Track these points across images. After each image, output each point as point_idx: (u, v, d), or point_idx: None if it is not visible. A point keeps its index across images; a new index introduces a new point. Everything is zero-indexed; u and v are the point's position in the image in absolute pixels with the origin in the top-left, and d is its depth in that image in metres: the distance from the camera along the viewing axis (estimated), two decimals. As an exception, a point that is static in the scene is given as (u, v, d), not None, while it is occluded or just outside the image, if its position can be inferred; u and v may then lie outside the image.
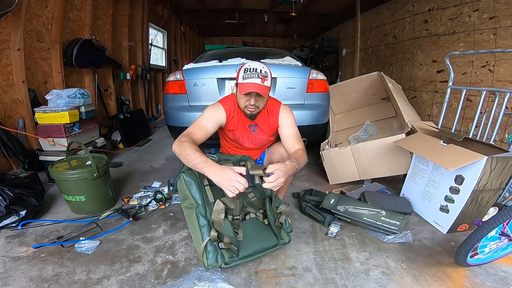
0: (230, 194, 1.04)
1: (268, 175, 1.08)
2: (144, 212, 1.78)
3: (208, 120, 1.39)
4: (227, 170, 1.06)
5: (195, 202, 1.22)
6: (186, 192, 1.24)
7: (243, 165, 1.23)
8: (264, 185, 1.08)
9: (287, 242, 1.36)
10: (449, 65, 2.12)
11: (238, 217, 1.24)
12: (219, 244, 1.19)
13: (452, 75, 2.13)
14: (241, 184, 1.03)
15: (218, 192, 1.22)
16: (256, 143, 1.57)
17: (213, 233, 1.17)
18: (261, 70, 1.32)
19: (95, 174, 1.68)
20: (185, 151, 1.16)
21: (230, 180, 1.03)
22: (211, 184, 1.21)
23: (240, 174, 1.06)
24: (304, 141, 2.21)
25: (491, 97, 2.45)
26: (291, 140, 1.47)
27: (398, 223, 1.53)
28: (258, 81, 1.30)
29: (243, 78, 1.32)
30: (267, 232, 1.31)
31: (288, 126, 1.50)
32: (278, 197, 1.39)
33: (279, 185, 1.09)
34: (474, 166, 1.43)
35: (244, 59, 2.33)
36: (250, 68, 1.32)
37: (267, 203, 1.30)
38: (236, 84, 1.40)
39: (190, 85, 2.22)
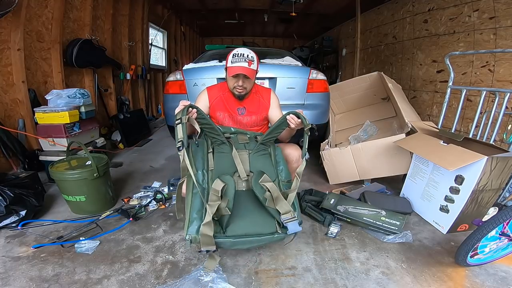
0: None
1: None
2: (144, 212, 1.78)
3: (197, 103, 1.57)
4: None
5: (195, 169, 1.20)
6: (187, 164, 1.12)
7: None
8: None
9: (287, 233, 1.16)
10: (449, 65, 2.11)
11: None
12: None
13: (452, 75, 2.13)
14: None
15: (219, 161, 1.26)
16: (244, 125, 1.59)
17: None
18: (247, 55, 1.45)
19: (95, 174, 1.68)
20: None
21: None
22: (214, 151, 1.29)
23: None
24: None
25: (491, 97, 2.45)
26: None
27: (398, 223, 1.53)
28: (245, 64, 1.44)
29: (231, 62, 1.46)
30: (265, 216, 1.16)
31: (276, 107, 1.66)
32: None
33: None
34: (474, 166, 1.43)
35: None
36: (238, 54, 1.46)
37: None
38: (226, 69, 1.52)
39: (190, 85, 2.21)
